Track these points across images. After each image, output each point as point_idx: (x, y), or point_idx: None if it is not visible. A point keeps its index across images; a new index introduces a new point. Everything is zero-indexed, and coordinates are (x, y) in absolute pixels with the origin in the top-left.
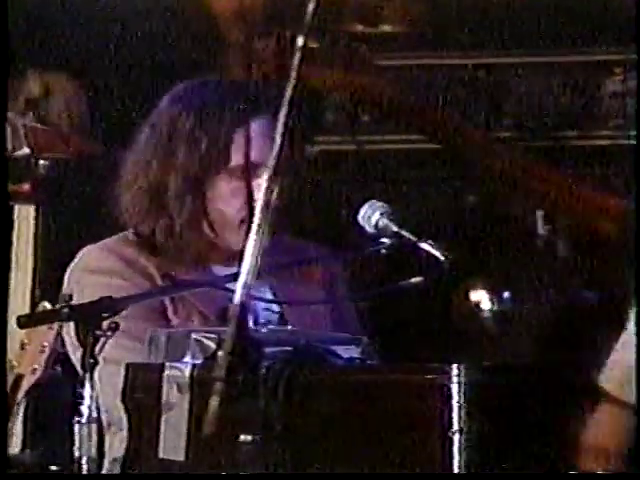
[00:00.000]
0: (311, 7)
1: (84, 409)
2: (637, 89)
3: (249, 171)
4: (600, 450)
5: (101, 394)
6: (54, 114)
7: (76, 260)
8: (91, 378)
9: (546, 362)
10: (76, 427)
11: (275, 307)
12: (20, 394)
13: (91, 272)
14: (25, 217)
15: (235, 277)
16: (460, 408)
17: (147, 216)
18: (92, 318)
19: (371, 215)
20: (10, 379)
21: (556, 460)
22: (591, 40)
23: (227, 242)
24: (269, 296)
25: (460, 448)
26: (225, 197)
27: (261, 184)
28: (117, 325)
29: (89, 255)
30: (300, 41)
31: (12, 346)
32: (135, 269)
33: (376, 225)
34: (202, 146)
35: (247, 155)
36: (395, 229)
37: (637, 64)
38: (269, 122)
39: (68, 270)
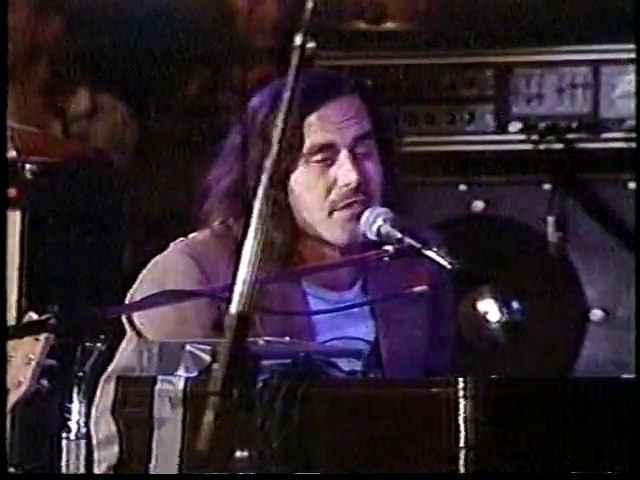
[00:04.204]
0: (310, 4)
1: (72, 424)
2: (637, 88)
3: (326, 152)
4: None
5: None
6: (96, 132)
7: (162, 257)
8: (80, 392)
9: (556, 374)
10: (64, 443)
11: (368, 336)
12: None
13: (168, 278)
14: (11, 223)
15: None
16: (467, 423)
17: (231, 218)
18: (81, 329)
19: (373, 221)
20: None
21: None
22: (603, 38)
23: (327, 237)
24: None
25: (467, 465)
26: (307, 187)
27: (342, 166)
28: (107, 336)
29: (174, 259)
30: (298, 40)
31: None
32: (211, 279)
33: (378, 231)
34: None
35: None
36: (398, 236)
37: (637, 63)
38: (345, 102)
39: (152, 262)
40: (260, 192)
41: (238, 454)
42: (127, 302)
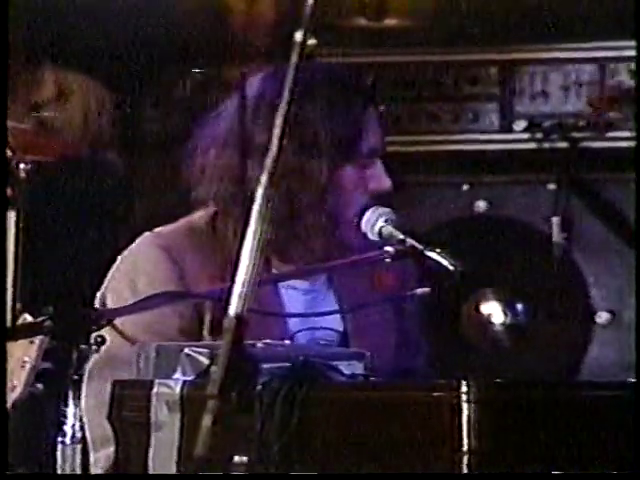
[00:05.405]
0: (310, 0)
1: (68, 428)
2: (636, 88)
3: (371, 156)
4: None
5: None
6: (68, 118)
7: (131, 250)
8: (75, 396)
9: (561, 378)
10: (59, 448)
11: (338, 326)
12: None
13: (139, 270)
14: (6, 223)
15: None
16: (470, 427)
17: (212, 209)
18: (77, 331)
19: (375, 222)
20: None
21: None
22: (608, 35)
23: (342, 237)
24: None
25: (470, 470)
26: (348, 188)
27: (379, 172)
28: (104, 339)
29: (144, 251)
30: (298, 37)
31: None
32: (183, 269)
33: (380, 232)
34: (336, 128)
35: (374, 139)
36: (400, 237)
37: (636, 62)
38: (377, 110)
39: (119, 258)
40: (259, 192)
41: (236, 459)
42: (99, 298)
